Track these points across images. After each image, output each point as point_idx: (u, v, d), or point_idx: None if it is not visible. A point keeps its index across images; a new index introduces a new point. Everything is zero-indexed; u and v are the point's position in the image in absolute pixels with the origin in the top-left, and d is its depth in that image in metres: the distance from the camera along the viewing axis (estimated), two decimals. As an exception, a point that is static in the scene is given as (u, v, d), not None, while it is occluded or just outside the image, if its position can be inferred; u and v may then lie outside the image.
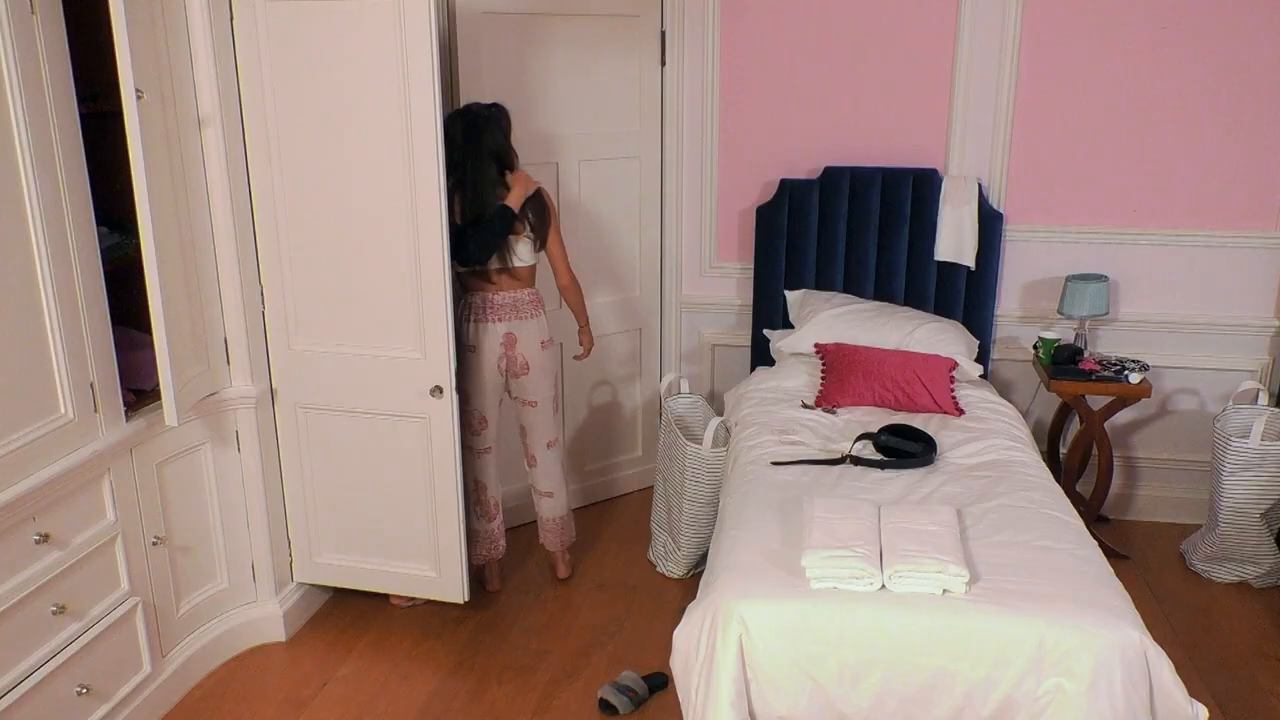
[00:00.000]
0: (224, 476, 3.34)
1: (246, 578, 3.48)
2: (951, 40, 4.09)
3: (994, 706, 2.47)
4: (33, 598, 2.63)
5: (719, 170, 4.39)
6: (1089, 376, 3.90)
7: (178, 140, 2.97)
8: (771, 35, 4.20)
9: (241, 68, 3.12)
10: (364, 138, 3.12)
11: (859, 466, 3.26)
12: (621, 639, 3.58)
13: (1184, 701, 2.44)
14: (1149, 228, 4.15)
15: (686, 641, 2.61)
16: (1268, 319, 4.16)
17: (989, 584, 2.56)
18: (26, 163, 2.52)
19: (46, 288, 2.62)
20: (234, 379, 3.31)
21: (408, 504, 3.48)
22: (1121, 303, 4.23)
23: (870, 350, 3.89)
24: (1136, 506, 4.46)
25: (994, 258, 4.13)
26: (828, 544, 2.62)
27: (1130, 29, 3.96)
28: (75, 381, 2.72)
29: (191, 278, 3.08)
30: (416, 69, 3.01)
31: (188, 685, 3.28)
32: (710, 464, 3.68)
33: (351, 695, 3.29)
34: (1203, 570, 3.98)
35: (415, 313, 3.26)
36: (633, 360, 4.55)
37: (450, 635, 3.60)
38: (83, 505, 2.81)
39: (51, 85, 2.57)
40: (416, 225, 3.16)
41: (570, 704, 3.24)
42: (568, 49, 3.99)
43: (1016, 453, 3.36)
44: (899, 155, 4.21)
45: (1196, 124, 4.02)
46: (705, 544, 3.73)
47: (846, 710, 2.53)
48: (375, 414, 3.40)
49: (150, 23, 2.80)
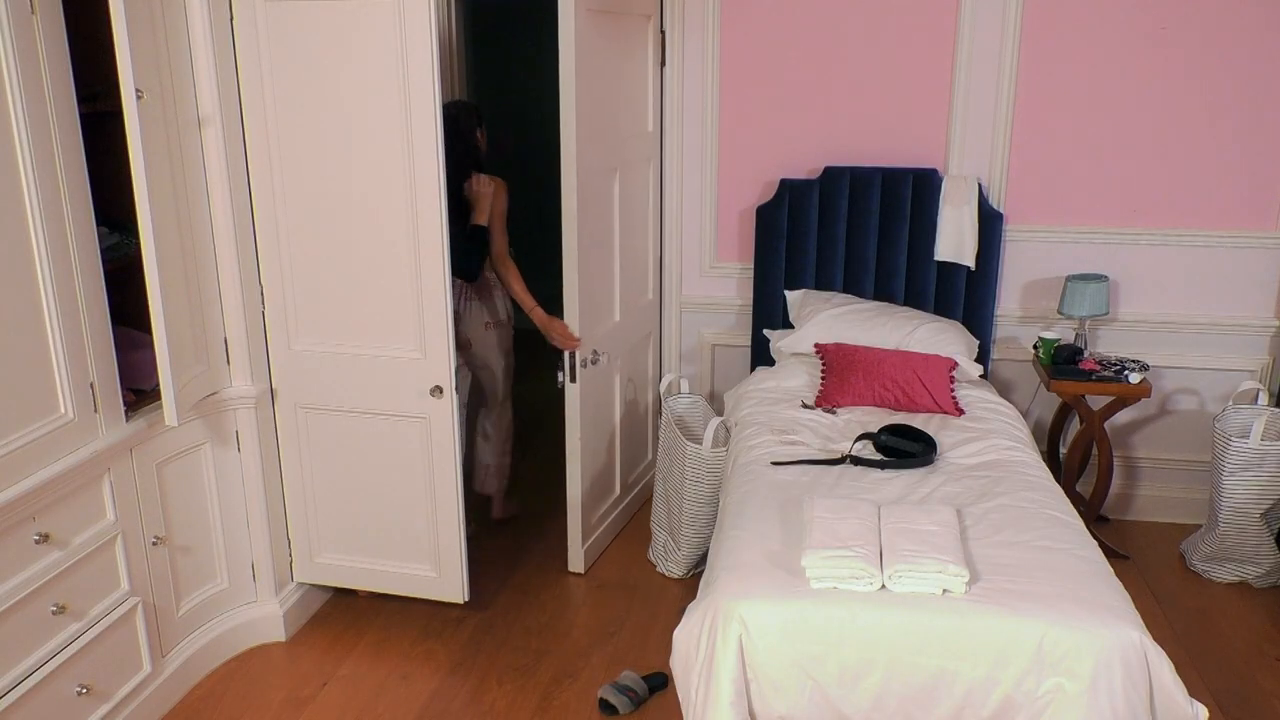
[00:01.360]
0: (224, 476, 3.34)
1: (246, 578, 3.48)
2: (951, 40, 4.08)
3: (994, 706, 2.47)
4: (33, 598, 2.63)
5: (719, 170, 4.39)
6: (1089, 376, 3.90)
7: (178, 140, 2.97)
8: (771, 35, 4.20)
9: (241, 68, 3.12)
10: (364, 137, 3.12)
11: (859, 466, 3.26)
12: (621, 639, 3.58)
13: (1184, 701, 2.43)
14: (1149, 228, 4.15)
15: (686, 641, 2.61)
16: (1268, 319, 4.16)
17: (989, 584, 2.56)
18: (26, 163, 2.52)
19: (46, 288, 2.62)
20: (234, 379, 3.31)
21: (408, 504, 3.48)
22: (1121, 303, 4.23)
23: (870, 350, 3.89)
24: (1136, 506, 4.46)
25: (994, 258, 4.13)
26: (828, 544, 2.62)
27: (1130, 29, 3.96)
28: (75, 381, 2.72)
29: (191, 278, 3.08)
30: (416, 69, 3.01)
31: (188, 685, 3.28)
32: (710, 464, 3.68)
33: (351, 695, 3.29)
34: (1203, 570, 3.98)
35: (415, 313, 3.26)
36: (645, 366, 4.51)
37: (450, 635, 3.60)
38: (83, 505, 2.81)
39: (51, 85, 2.57)
40: (416, 225, 3.16)
41: (570, 704, 3.24)
42: (610, 49, 3.89)
43: (1016, 453, 3.36)
44: (899, 155, 4.21)
45: (1196, 124, 4.02)
46: (705, 544, 3.73)
47: (846, 710, 2.53)
48: (375, 414, 3.40)
49: (150, 22, 2.80)
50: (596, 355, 3.84)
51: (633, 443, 4.43)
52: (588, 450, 3.92)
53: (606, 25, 3.69)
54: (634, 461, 4.48)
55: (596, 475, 4.06)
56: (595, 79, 3.61)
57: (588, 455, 3.92)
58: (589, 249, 3.71)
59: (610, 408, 4.14)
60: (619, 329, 4.11)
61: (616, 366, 4.13)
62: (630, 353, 4.28)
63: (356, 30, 3.03)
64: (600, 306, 3.90)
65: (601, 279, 3.89)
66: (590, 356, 3.81)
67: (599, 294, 3.88)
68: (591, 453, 3.97)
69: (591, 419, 3.92)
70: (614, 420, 4.18)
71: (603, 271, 3.90)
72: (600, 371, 3.95)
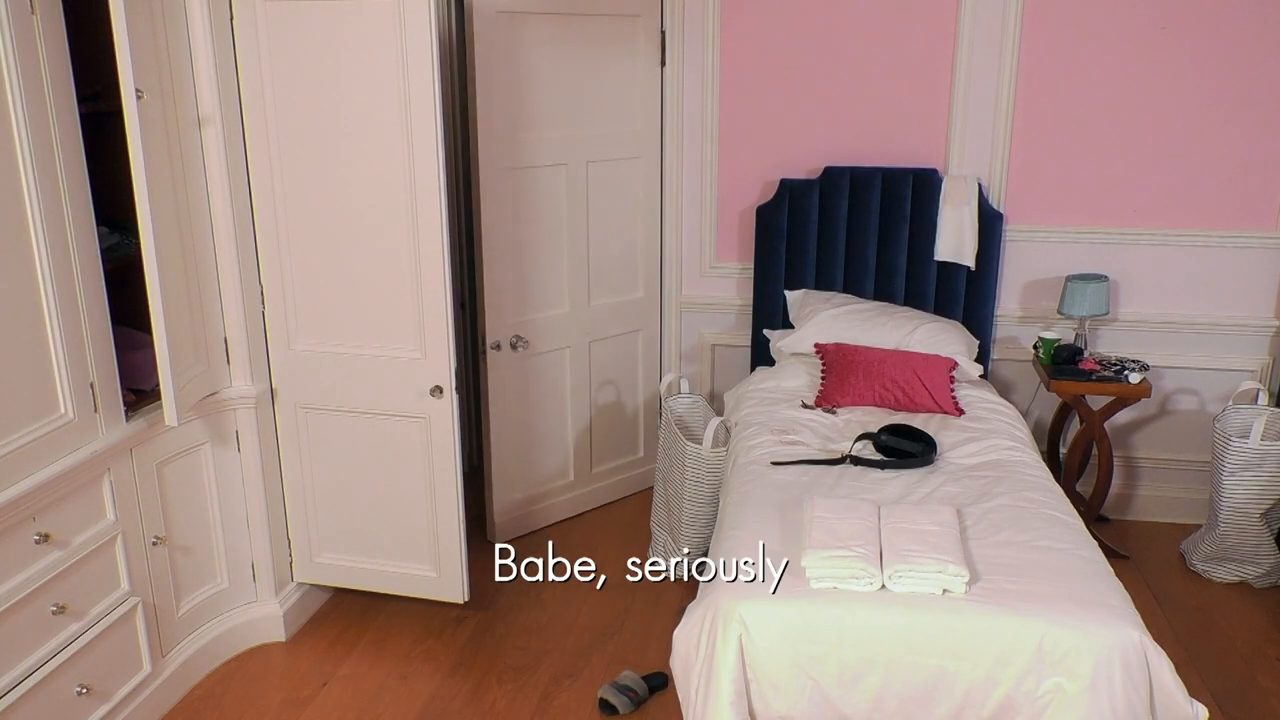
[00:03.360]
0: (224, 476, 3.34)
1: (246, 578, 3.48)
2: (951, 40, 4.09)
3: (994, 706, 2.47)
4: (33, 598, 2.63)
5: (719, 170, 4.39)
6: (1089, 376, 3.90)
7: (178, 140, 2.97)
8: (771, 35, 4.20)
9: (241, 67, 3.12)
10: (364, 137, 3.12)
11: (859, 466, 3.26)
12: (621, 639, 3.58)
13: (1184, 701, 2.44)
14: (1149, 228, 4.15)
15: (686, 641, 2.61)
16: (1268, 319, 4.16)
17: (989, 584, 2.57)
18: (26, 163, 2.52)
19: (46, 288, 2.62)
20: (234, 379, 3.31)
21: (408, 504, 3.48)
22: (1121, 303, 4.23)
23: (870, 350, 3.89)
24: (1136, 506, 4.46)
25: (994, 258, 4.13)
26: (828, 544, 2.62)
27: (1130, 29, 3.96)
28: (75, 381, 2.72)
29: (191, 278, 3.08)
30: (416, 68, 3.01)
31: (188, 685, 3.28)
32: (710, 464, 3.68)
33: (351, 695, 3.29)
34: (1203, 570, 3.98)
35: (415, 312, 3.26)
36: (636, 362, 4.54)
37: (450, 635, 3.60)
38: (83, 505, 2.81)
39: (51, 85, 2.57)
40: (416, 225, 3.16)
41: (570, 704, 3.24)
42: (569, 49, 3.98)
43: (1016, 453, 3.36)
44: (899, 155, 4.21)
45: (1196, 124, 4.02)
46: (705, 544, 3.73)
47: (846, 710, 2.53)
48: (375, 414, 3.40)
49: (150, 22, 2.80)
50: (519, 340, 4.03)
51: (611, 436, 4.55)
52: (510, 424, 4.12)
53: (551, 27, 3.85)
54: (609, 454, 4.57)
55: (532, 455, 4.25)
56: (520, 78, 3.82)
57: (509, 430, 4.12)
58: (504, 241, 3.92)
59: (557, 394, 4.29)
60: (569, 320, 4.23)
61: (566, 357, 4.27)
62: (599, 346, 4.37)
63: (357, 30, 3.03)
64: (530, 297, 4.08)
65: (531, 270, 4.06)
66: (512, 340, 4.00)
67: (528, 285, 4.07)
68: (519, 431, 4.17)
69: (519, 400, 4.14)
70: (563, 407, 4.32)
71: (534, 264, 4.06)
72: (530, 357, 4.13)
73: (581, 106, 4.05)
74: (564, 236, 4.12)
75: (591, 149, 4.12)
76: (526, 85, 3.85)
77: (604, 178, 4.19)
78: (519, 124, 3.85)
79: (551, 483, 4.38)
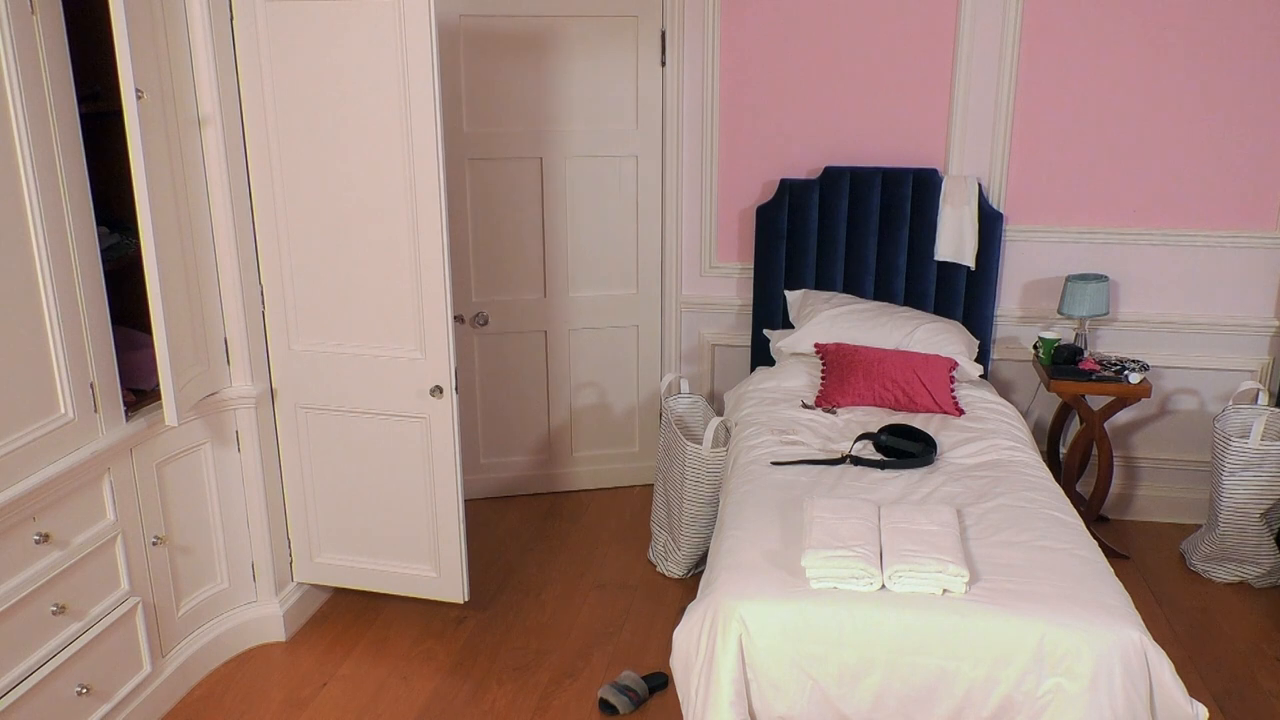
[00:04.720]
0: (224, 476, 3.34)
1: (246, 578, 3.48)
2: (951, 40, 4.09)
3: (994, 706, 2.47)
4: (33, 598, 2.63)
5: (719, 170, 4.39)
6: (1089, 376, 3.90)
7: (178, 140, 2.97)
8: (771, 35, 4.20)
9: (241, 68, 3.12)
10: (364, 137, 3.12)
11: (859, 466, 3.26)
12: (621, 639, 3.58)
13: (1184, 701, 2.44)
14: (1149, 228, 4.15)
15: (686, 641, 2.61)
16: (1268, 319, 4.16)
17: (989, 584, 2.57)
18: (26, 163, 2.52)
19: (46, 288, 2.62)
20: (234, 379, 3.31)
21: (408, 504, 3.48)
22: (1121, 303, 4.23)
23: (870, 350, 3.89)
24: (1136, 506, 4.46)
25: (994, 258, 4.13)
26: (828, 544, 2.62)
27: (1130, 29, 3.96)
28: (75, 381, 2.73)
29: (191, 278, 3.08)
30: (416, 68, 3.01)
31: (188, 685, 3.28)
32: (710, 464, 3.68)
33: (351, 695, 3.29)
34: (1203, 570, 3.98)
35: (415, 312, 3.26)
36: (631, 357, 4.55)
37: (450, 635, 3.60)
38: (83, 505, 2.81)
39: (51, 85, 2.57)
40: (416, 225, 3.16)
41: (570, 704, 3.24)
42: (569, 49, 3.99)
43: (1016, 453, 3.36)
44: (899, 155, 4.22)
45: (1196, 124, 4.02)
46: (705, 544, 3.73)
47: (846, 710, 2.53)
48: (375, 414, 3.40)
49: (150, 23, 2.80)
50: (483, 317, 4.38)
51: (595, 427, 4.68)
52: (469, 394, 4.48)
53: (536, 28, 4.00)
54: (591, 443, 4.71)
55: (495, 425, 4.58)
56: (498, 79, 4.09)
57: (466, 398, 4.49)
58: (470, 223, 4.28)
59: (525, 371, 4.55)
60: (544, 307, 4.46)
61: (536, 340, 4.51)
62: (579, 336, 4.54)
63: (357, 30, 3.03)
64: (499, 277, 4.38)
65: (502, 252, 4.36)
66: (476, 316, 4.37)
67: (495, 265, 4.37)
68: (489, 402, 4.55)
69: (490, 372, 4.49)
70: (537, 389, 4.58)
71: (502, 248, 4.35)
72: (495, 335, 4.46)
73: (565, 103, 4.13)
74: (538, 227, 4.33)
75: (585, 148, 4.22)
76: (504, 84, 4.08)
77: (588, 173, 4.30)
78: (486, 119, 4.12)
79: (507, 454, 4.64)
